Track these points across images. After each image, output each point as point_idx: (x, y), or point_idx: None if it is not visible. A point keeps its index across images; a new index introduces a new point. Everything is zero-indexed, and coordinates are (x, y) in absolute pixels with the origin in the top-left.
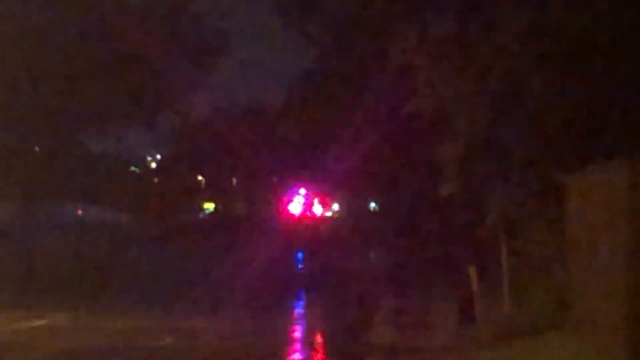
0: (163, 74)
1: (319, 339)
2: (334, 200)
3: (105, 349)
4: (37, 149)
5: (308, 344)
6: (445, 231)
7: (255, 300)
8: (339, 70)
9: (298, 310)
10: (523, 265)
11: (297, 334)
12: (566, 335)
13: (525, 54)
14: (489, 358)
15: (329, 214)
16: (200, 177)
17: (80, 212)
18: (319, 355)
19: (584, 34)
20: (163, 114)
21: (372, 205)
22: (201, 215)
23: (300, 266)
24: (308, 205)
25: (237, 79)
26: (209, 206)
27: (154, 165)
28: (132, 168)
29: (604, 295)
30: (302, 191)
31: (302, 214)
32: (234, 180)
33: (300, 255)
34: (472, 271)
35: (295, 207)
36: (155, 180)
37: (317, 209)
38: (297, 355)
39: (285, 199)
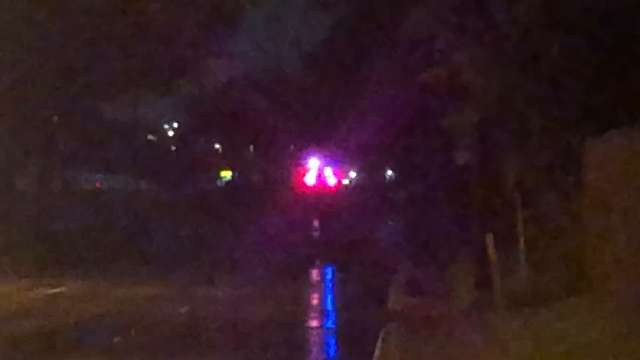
0: (180, 41)
1: (337, 306)
2: (351, 169)
3: (123, 316)
4: (55, 118)
5: (327, 311)
6: (461, 199)
7: (274, 267)
8: (356, 39)
9: (316, 278)
10: (539, 232)
11: (316, 301)
12: (583, 302)
13: (542, 20)
14: (506, 323)
15: (346, 182)
16: (217, 146)
17: (98, 180)
18: (338, 322)
19: None
20: (180, 81)
21: (389, 174)
22: (218, 183)
23: (317, 234)
24: (325, 174)
25: (254, 46)
26: (226, 174)
27: (171, 133)
28: (150, 136)
29: (619, 262)
30: (318, 160)
31: (319, 182)
32: (251, 149)
33: (317, 224)
34: (489, 238)
35: (312, 175)
36: (173, 148)
37: (334, 178)
38: (316, 322)
39: (302, 167)
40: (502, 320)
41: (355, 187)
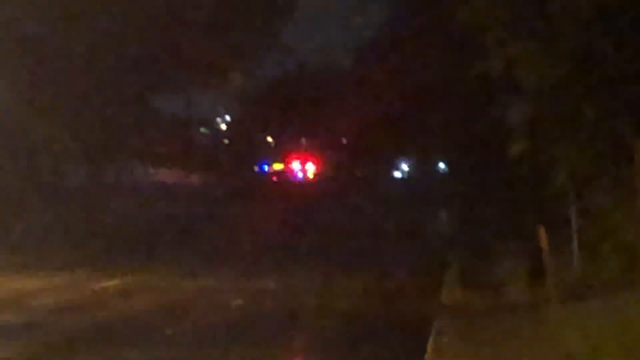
0: (232, 34)
1: (391, 297)
2: (404, 161)
3: (177, 308)
4: (108, 111)
5: (380, 302)
6: (514, 191)
7: (325, 259)
8: (408, 31)
9: (371, 270)
10: (593, 224)
11: (371, 292)
12: (637, 294)
13: (597, 12)
14: (560, 316)
15: (398, 174)
16: (269, 139)
17: (151, 173)
18: (391, 313)
19: None
20: (233, 74)
21: (442, 166)
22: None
23: (372, 226)
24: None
25: (307, 38)
26: (279, 167)
27: (223, 127)
28: (202, 130)
29: None
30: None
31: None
32: (303, 141)
33: (371, 215)
34: (542, 230)
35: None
36: (226, 141)
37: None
38: (369, 313)
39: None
40: (556, 313)
41: (408, 179)
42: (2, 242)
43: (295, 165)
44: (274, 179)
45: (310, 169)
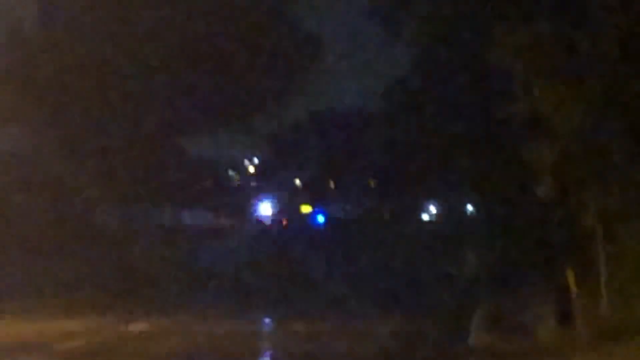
0: (261, 78)
1: (418, 339)
2: (431, 203)
3: (208, 353)
4: (138, 154)
5: (408, 345)
6: (542, 232)
7: (355, 301)
8: (435, 73)
9: (399, 312)
10: (621, 266)
11: (398, 335)
12: None
13: (624, 53)
14: (588, 359)
15: (426, 217)
16: (297, 181)
17: (179, 215)
18: (419, 357)
19: None
20: (261, 117)
21: (469, 208)
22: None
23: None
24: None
25: (332, 82)
26: (307, 209)
27: (252, 169)
28: (230, 172)
29: None
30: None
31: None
32: (332, 184)
33: (399, 256)
34: (570, 272)
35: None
36: (254, 184)
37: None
38: (397, 356)
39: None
40: (584, 356)
41: (437, 221)
42: (32, 285)
43: (318, 208)
44: (284, 222)
45: (335, 211)
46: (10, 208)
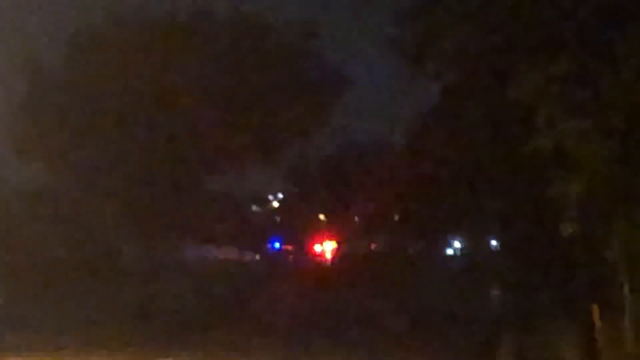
0: (284, 113)
1: None
2: (456, 238)
3: None
4: (160, 189)
5: None
6: (566, 268)
7: (381, 337)
8: (459, 109)
9: (424, 347)
10: None
11: None
12: None
13: None
14: None
15: (450, 252)
16: (322, 216)
17: (202, 250)
18: None
19: None
20: (285, 152)
21: (494, 243)
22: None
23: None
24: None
25: (357, 117)
26: (331, 244)
27: (275, 204)
28: (254, 207)
29: None
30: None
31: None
32: (356, 219)
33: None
34: (595, 308)
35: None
36: (278, 219)
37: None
38: None
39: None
40: None
41: (461, 256)
42: (56, 322)
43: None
44: (290, 258)
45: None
46: (33, 243)
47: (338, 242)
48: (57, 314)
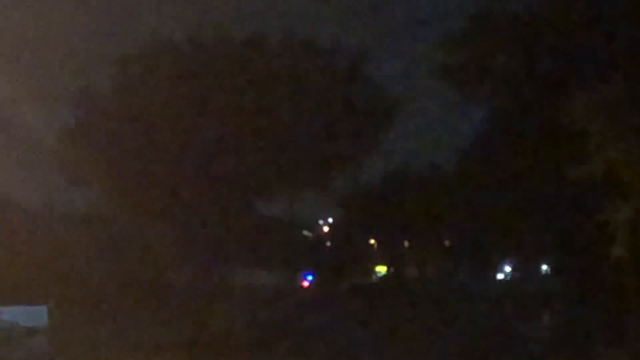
0: (335, 138)
1: None
2: (507, 262)
3: None
4: (210, 214)
5: None
6: (617, 293)
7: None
8: (509, 133)
9: None
10: None
11: None
12: None
13: None
14: None
15: (501, 276)
16: (372, 241)
17: (253, 275)
18: None
19: None
20: (335, 176)
21: (544, 267)
22: (373, 277)
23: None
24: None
25: (407, 142)
26: (381, 269)
27: (326, 229)
28: (305, 232)
29: None
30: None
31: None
32: (406, 244)
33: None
34: None
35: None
36: (328, 244)
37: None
38: None
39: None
40: None
41: (511, 281)
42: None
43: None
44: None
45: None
46: (83, 268)
47: (388, 267)
48: (111, 339)
